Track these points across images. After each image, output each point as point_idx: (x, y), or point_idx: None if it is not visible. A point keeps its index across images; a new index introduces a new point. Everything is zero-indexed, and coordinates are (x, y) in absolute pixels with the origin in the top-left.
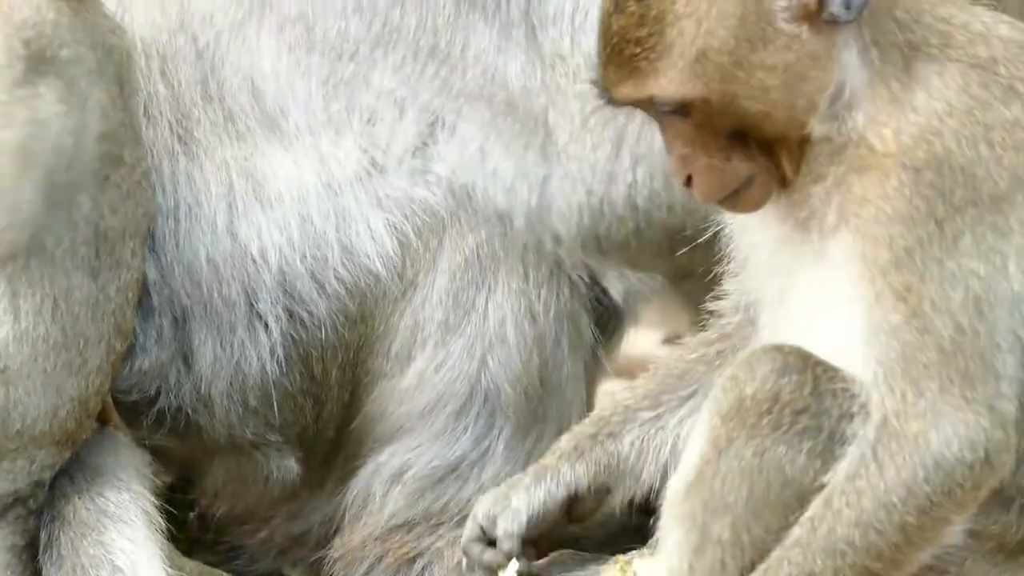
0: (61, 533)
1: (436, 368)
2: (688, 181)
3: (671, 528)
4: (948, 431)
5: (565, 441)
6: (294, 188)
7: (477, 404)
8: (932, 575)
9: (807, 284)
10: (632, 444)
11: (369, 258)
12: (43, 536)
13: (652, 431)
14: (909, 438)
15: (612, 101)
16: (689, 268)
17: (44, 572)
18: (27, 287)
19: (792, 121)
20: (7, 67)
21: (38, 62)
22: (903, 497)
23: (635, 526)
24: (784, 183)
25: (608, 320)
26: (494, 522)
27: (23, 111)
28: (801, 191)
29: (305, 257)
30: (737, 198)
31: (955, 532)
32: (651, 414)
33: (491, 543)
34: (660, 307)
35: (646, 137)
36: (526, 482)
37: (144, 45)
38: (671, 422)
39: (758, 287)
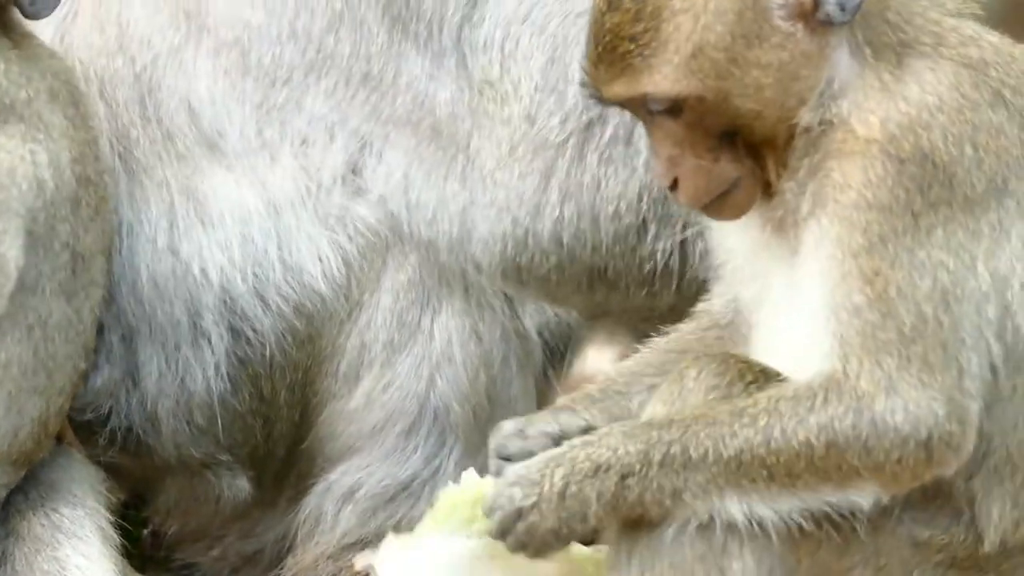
0: (16, 549)
1: (384, 388)
2: (673, 185)
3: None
4: (898, 402)
5: (576, 392)
6: (235, 208)
7: (427, 423)
8: None
9: (782, 287)
10: (640, 404)
11: (313, 277)
12: None
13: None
14: (856, 393)
15: (602, 100)
16: (606, 307)
17: None
18: (10, 321)
19: (782, 120)
20: None
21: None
22: (825, 430)
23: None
24: (768, 187)
25: (559, 338)
26: (521, 434)
27: None
28: (780, 191)
29: (247, 276)
30: (722, 202)
31: (861, 494)
32: (656, 379)
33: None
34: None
35: (576, 173)
36: (542, 415)
37: (83, 66)
38: None
39: (739, 291)
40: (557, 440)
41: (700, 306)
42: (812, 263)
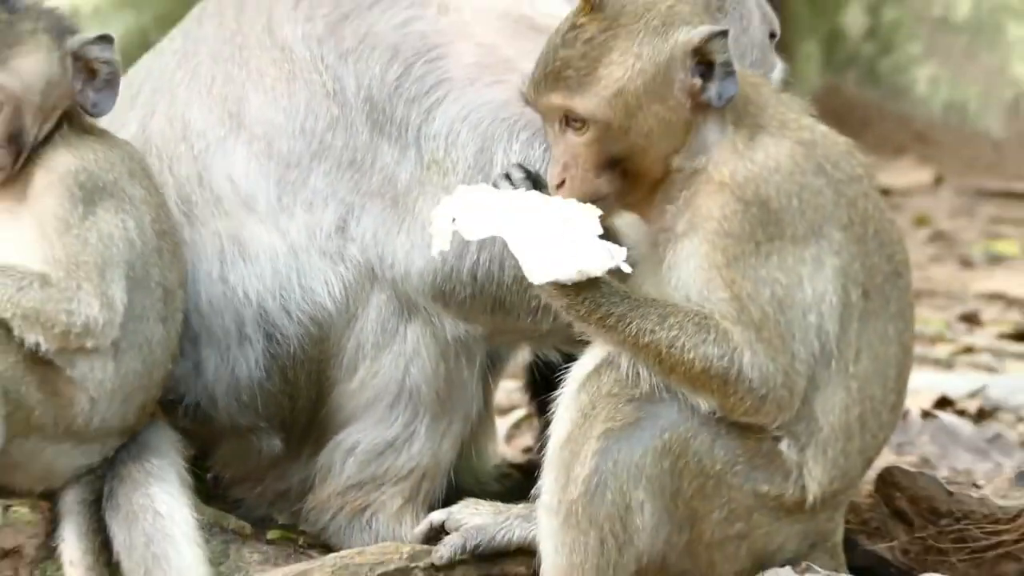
0: (119, 488)
1: (373, 375)
2: (560, 184)
3: (546, 473)
4: (756, 362)
5: None
6: (266, 249)
7: (404, 400)
8: (728, 523)
9: (660, 279)
10: None
11: (321, 297)
12: (105, 490)
13: None
14: (732, 345)
15: (535, 106)
16: (503, 327)
17: (106, 518)
18: (127, 343)
19: (657, 160)
20: (73, 208)
21: (94, 193)
22: (705, 359)
23: (524, 484)
24: (629, 208)
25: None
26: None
27: (91, 234)
28: (660, 211)
29: (276, 296)
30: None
31: (704, 403)
32: None
33: None
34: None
35: None
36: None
37: (158, 150)
38: None
39: (638, 285)
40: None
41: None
42: (686, 268)
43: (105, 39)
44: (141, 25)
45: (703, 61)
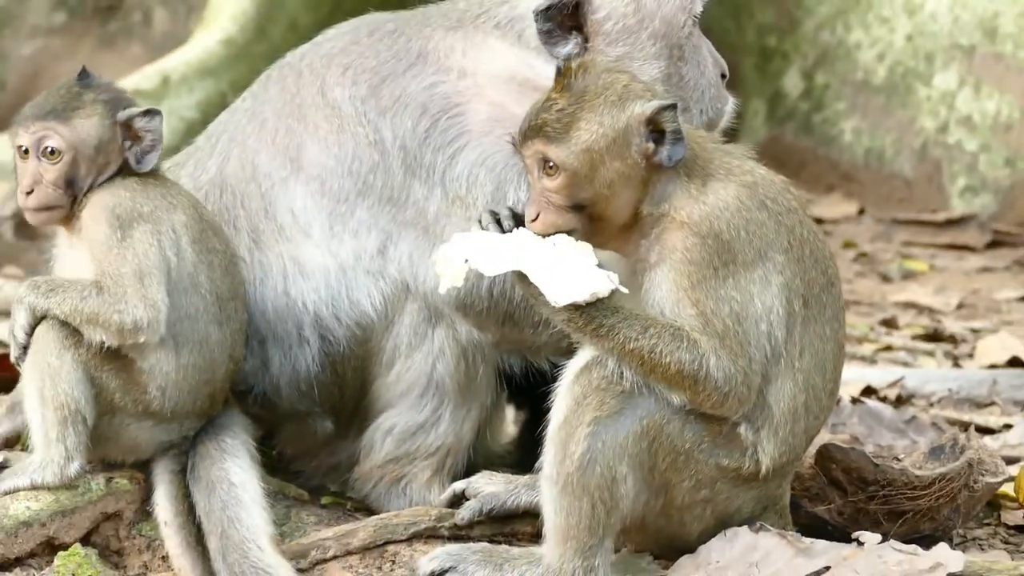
0: (198, 463)
1: (407, 370)
2: (535, 218)
3: (547, 450)
4: (721, 365)
5: None
6: (320, 268)
7: (432, 390)
8: (696, 490)
9: (639, 302)
10: None
11: (365, 307)
12: (189, 463)
13: None
14: (700, 351)
15: (521, 152)
16: (510, 338)
17: (190, 486)
18: (184, 339)
19: (620, 209)
20: (112, 234)
21: (130, 221)
22: (678, 363)
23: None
24: (607, 247)
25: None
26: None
27: (128, 251)
28: (636, 245)
29: (329, 306)
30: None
31: (677, 398)
32: None
33: None
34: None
35: None
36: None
37: (231, 188)
38: None
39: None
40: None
41: None
42: (659, 292)
43: (151, 112)
44: (220, 89)
45: (656, 129)
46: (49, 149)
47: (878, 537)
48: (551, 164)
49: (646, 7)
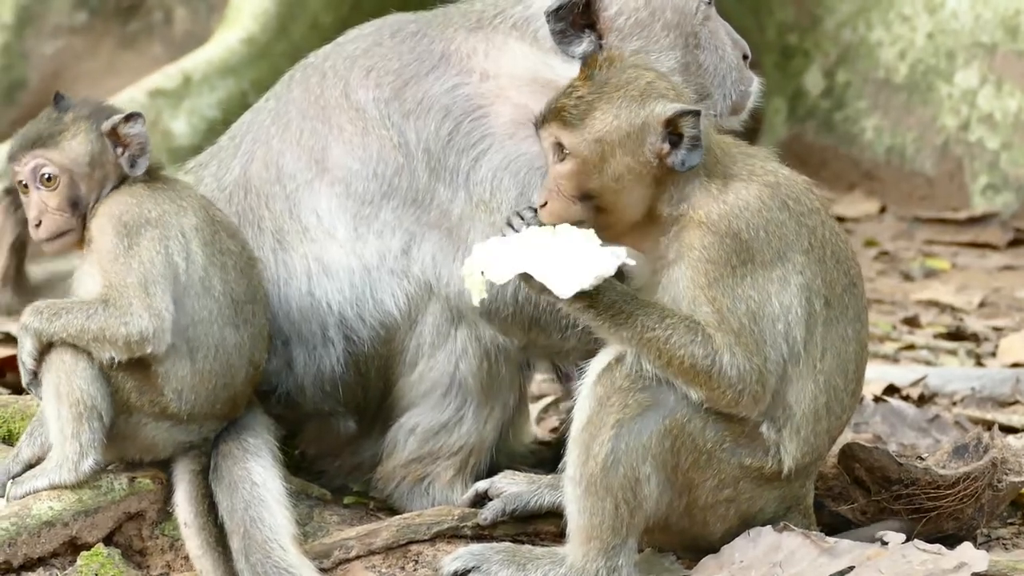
0: (221, 462)
1: (430, 369)
2: (544, 204)
3: (570, 450)
4: (735, 362)
5: None
6: (345, 269)
7: (454, 390)
8: (719, 490)
9: (658, 298)
10: None
11: (389, 306)
12: (211, 463)
13: None
14: (714, 347)
15: (539, 134)
16: (537, 342)
17: (212, 486)
18: (198, 343)
19: (630, 206)
20: (119, 242)
21: (137, 227)
22: (692, 357)
23: (553, 457)
24: (624, 242)
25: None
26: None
27: (134, 260)
28: (656, 242)
29: (353, 306)
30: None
31: (694, 393)
32: None
33: None
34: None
35: None
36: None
37: (256, 189)
38: None
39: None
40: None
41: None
42: (676, 289)
43: (132, 116)
44: (242, 89)
45: (675, 132)
46: (46, 176)
47: (902, 536)
48: (564, 149)
49: None
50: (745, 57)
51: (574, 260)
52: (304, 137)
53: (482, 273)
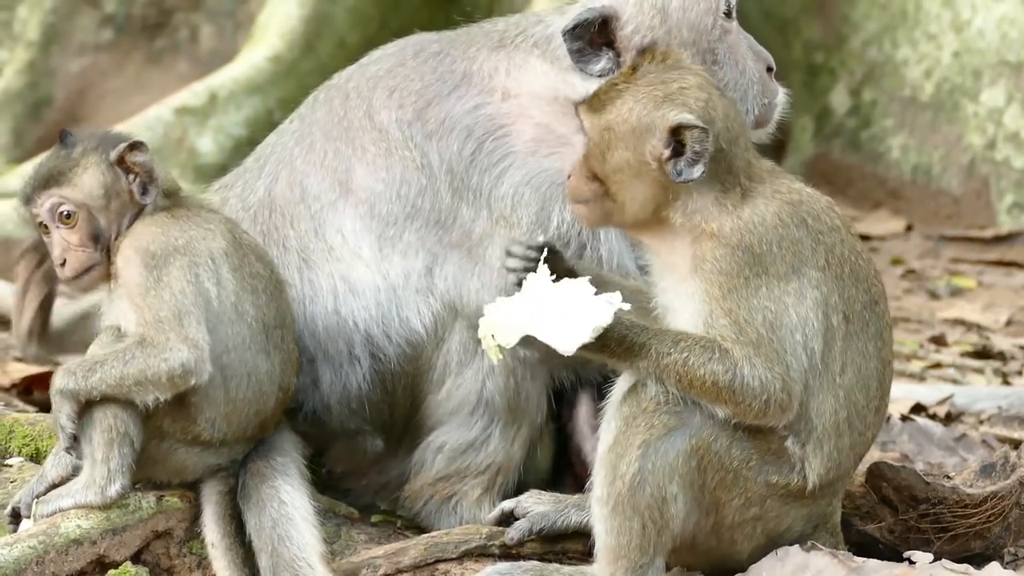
0: (249, 480)
1: (457, 387)
2: (568, 175)
3: (597, 471)
4: (756, 373)
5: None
6: (371, 287)
7: (482, 408)
8: (745, 508)
9: (672, 304)
10: None
11: (415, 324)
12: (239, 483)
13: None
14: (733, 360)
15: (580, 115)
16: (555, 354)
17: (240, 505)
18: (231, 371)
19: (634, 202)
20: (149, 274)
21: (165, 256)
22: (712, 374)
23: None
24: (606, 221)
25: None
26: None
27: (165, 292)
28: (671, 247)
29: (379, 324)
30: (577, 207)
31: (719, 411)
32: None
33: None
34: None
35: None
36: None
37: (281, 209)
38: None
39: (658, 300)
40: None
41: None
42: (692, 303)
43: (134, 145)
44: (268, 107)
45: (680, 141)
46: (64, 214)
47: (929, 556)
48: (585, 130)
49: (672, 16)
50: (770, 69)
51: (573, 314)
52: (328, 158)
53: (492, 337)
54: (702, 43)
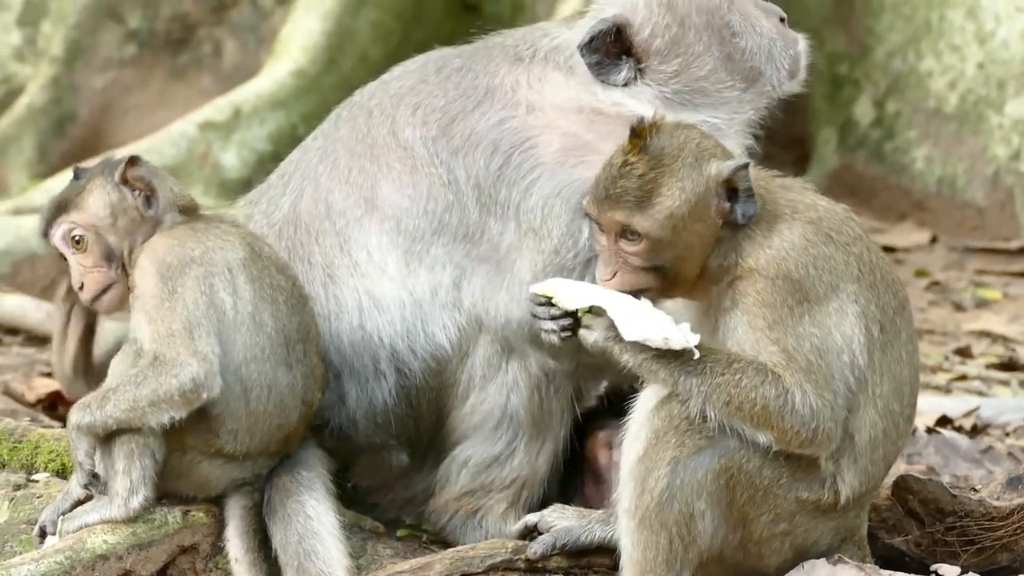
0: (275, 495)
1: (481, 402)
2: (611, 276)
3: (625, 483)
4: (807, 401)
5: None
6: (396, 302)
7: (506, 422)
8: (774, 524)
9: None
10: None
11: (440, 339)
12: (265, 497)
13: None
14: (784, 386)
15: (596, 219)
16: (588, 362)
17: (265, 520)
18: (251, 382)
19: (695, 266)
20: (163, 286)
21: (181, 267)
22: (763, 398)
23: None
24: (664, 296)
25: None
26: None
27: (178, 304)
28: (706, 291)
29: (404, 339)
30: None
31: (762, 438)
32: None
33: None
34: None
35: None
36: None
37: (306, 225)
38: None
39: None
40: None
41: None
42: (735, 336)
43: (132, 161)
44: (291, 121)
45: (730, 188)
46: (75, 239)
47: (956, 569)
48: (634, 232)
49: (680, 7)
50: (782, 20)
51: (651, 316)
52: (353, 175)
53: (550, 299)
54: (716, 21)
